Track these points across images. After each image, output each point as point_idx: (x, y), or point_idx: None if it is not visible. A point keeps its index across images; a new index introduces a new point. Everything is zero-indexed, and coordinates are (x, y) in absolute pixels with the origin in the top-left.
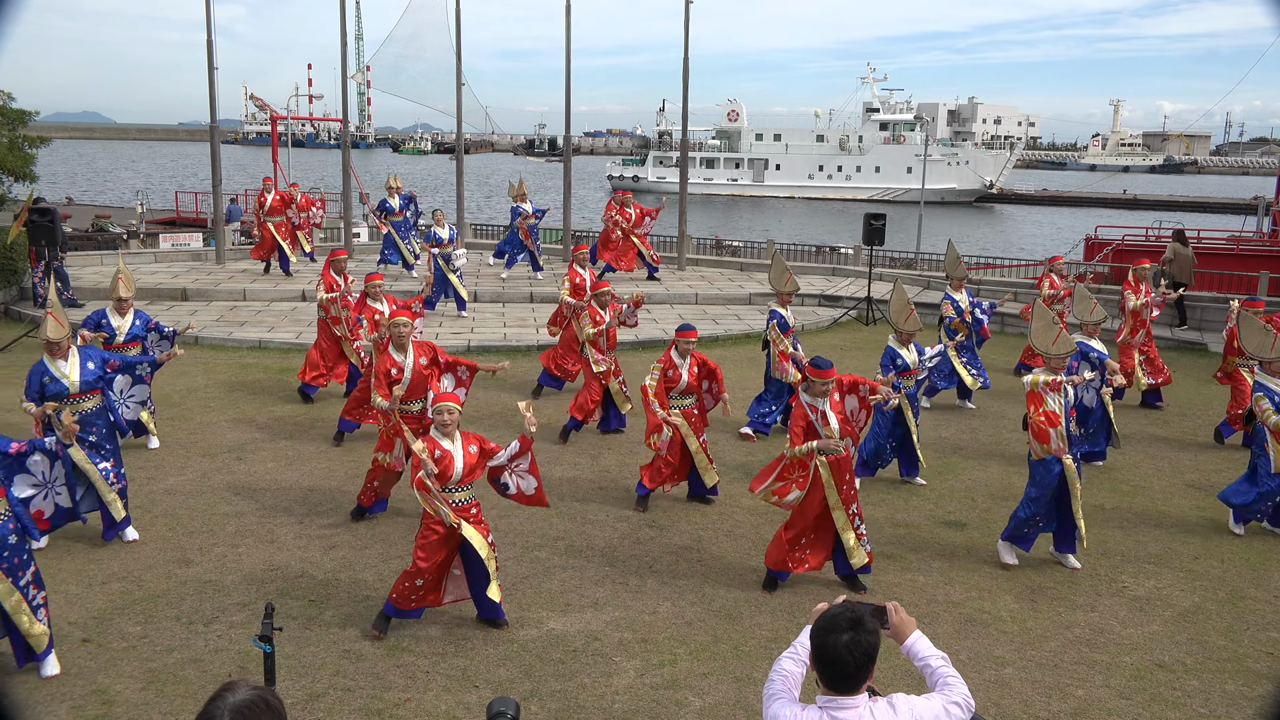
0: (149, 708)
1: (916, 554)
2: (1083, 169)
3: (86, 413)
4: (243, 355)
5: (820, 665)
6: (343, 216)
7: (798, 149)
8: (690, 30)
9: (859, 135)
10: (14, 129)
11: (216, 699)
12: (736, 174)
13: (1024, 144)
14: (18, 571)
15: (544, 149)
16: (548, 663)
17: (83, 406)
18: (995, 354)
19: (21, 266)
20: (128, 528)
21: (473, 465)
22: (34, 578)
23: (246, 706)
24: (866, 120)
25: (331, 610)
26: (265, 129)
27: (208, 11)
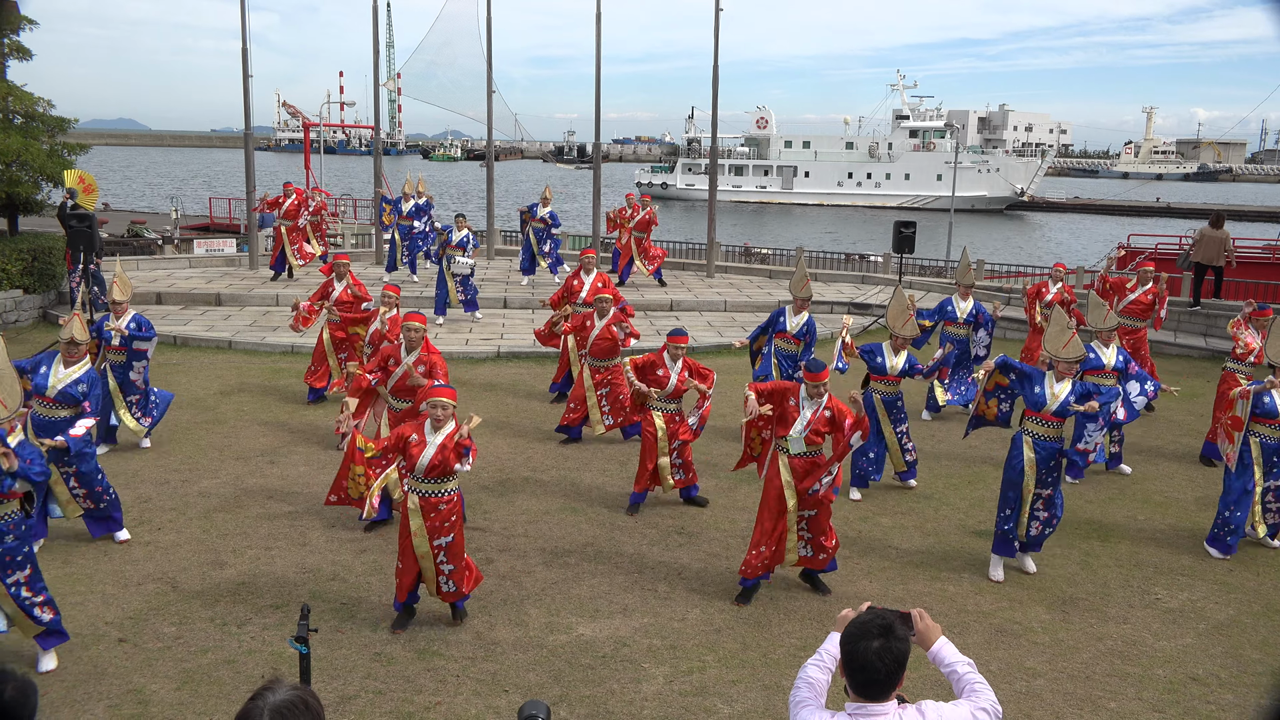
0: (184, 708)
1: (946, 563)
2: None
3: (51, 419)
4: (275, 360)
5: (850, 672)
6: (374, 222)
7: (827, 156)
8: (720, 37)
9: (889, 142)
10: (54, 136)
11: (256, 698)
12: (765, 181)
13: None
14: (7, 570)
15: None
16: (577, 668)
17: (52, 412)
18: None
19: (59, 271)
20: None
21: (443, 460)
22: (28, 580)
23: (286, 706)
24: (896, 127)
25: (363, 613)
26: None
27: (243, 20)
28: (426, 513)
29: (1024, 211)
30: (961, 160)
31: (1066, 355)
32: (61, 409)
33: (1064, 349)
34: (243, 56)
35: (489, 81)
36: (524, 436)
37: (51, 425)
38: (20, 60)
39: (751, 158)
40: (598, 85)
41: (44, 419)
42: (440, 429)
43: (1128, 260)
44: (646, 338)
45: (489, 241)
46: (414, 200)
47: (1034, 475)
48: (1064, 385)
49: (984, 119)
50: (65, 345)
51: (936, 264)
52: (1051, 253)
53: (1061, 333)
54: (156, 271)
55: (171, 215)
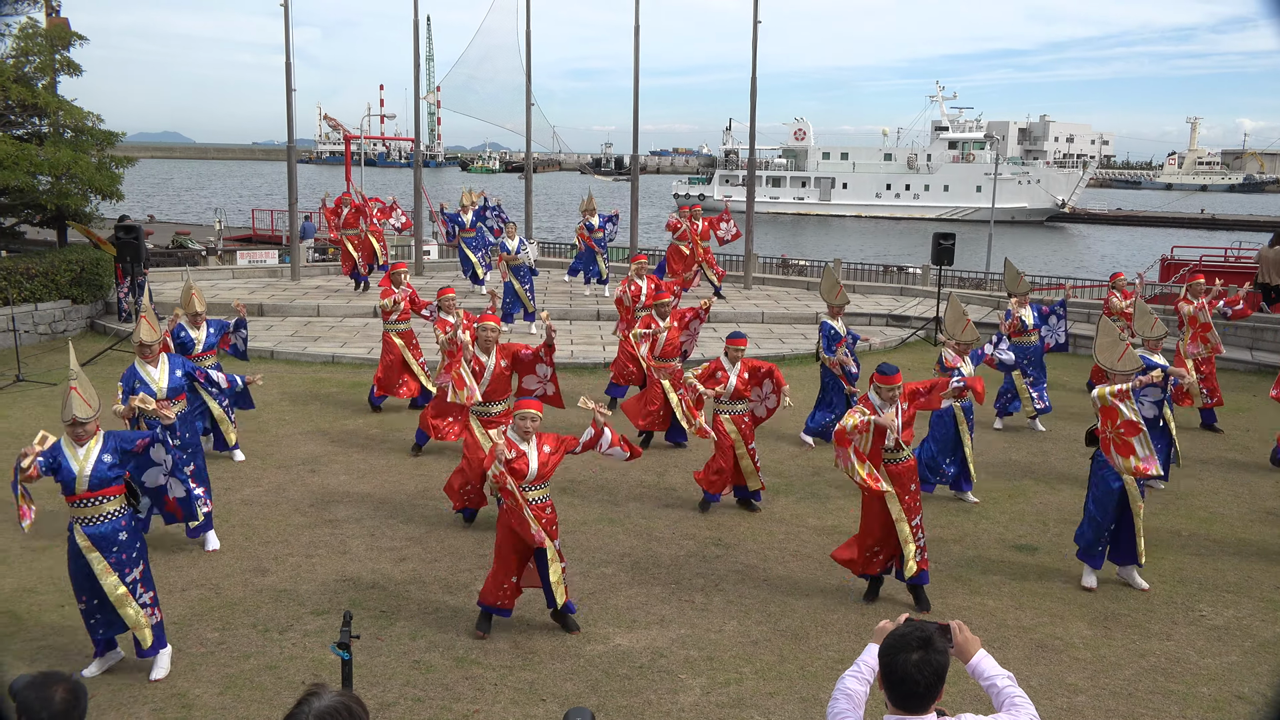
0: (226, 712)
1: (986, 577)
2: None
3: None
4: (316, 370)
5: (889, 685)
6: (413, 234)
7: (865, 168)
8: (758, 50)
9: (927, 154)
10: (102, 150)
11: (302, 703)
12: (803, 193)
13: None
14: (125, 568)
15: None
16: (614, 678)
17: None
18: (1067, 374)
19: (107, 282)
20: (208, 532)
21: (545, 463)
22: (142, 576)
23: (331, 712)
24: (935, 139)
25: (402, 621)
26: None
27: (287, 37)
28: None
29: (1065, 223)
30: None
31: (1123, 368)
32: (177, 403)
33: (1119, 361)
34: (286, 71)
35: (528, 94)
36: None
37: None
38: (71, 75)
39: (789, 169)
40: (636, 98)
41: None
42: (528, 440)
43: (1171, 272)
44: None
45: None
46: (472, 209)
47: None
48: None
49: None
50: (138, 348)
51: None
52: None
53: (1114, 344)
54: (200, 282)
55: (215, 227)
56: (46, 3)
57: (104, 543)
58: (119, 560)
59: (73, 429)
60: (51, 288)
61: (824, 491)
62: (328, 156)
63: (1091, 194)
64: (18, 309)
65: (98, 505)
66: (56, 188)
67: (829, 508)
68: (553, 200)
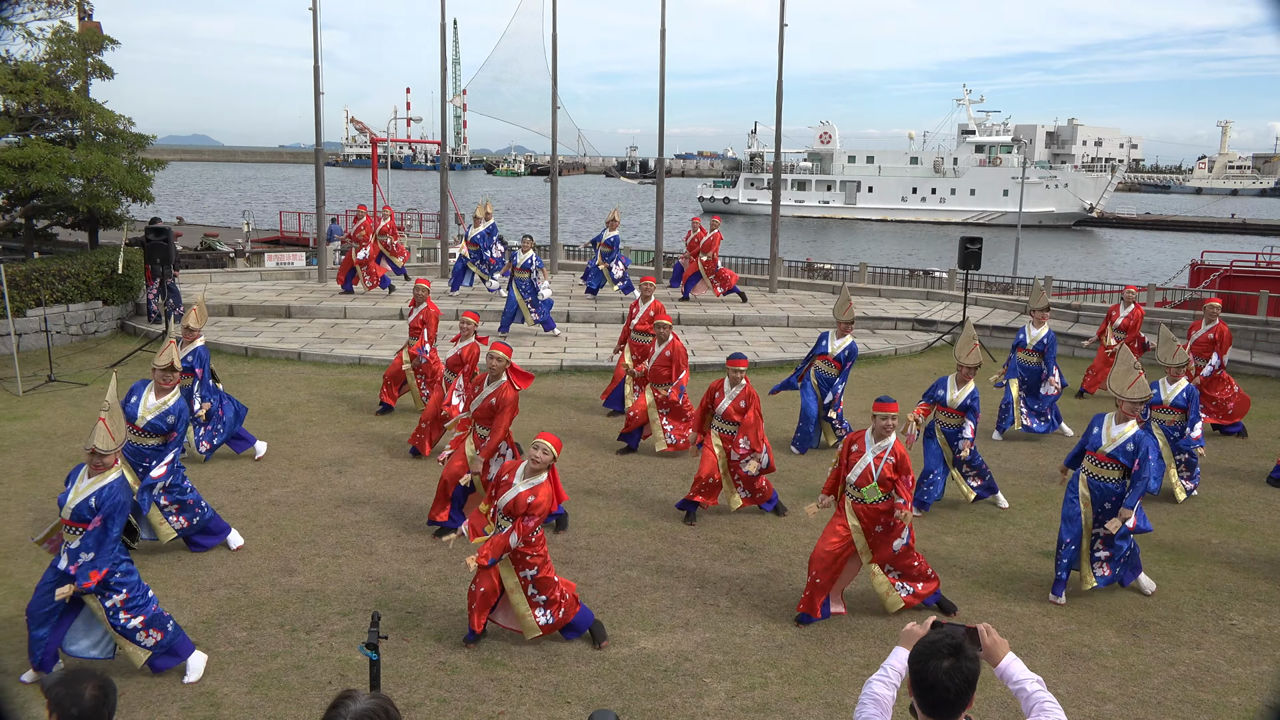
0: (254, 711)
1: (1012, 584)
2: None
3: (141, 447)
4: (343, 371)
5: (919, 692)
6: (439, 237)
7: (891, 171)
8: (784, 53)
9: (954, 157)
10: (133, 152)
11: (339, 705)
12: (828, 196)
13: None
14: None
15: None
16: (639, 681)
17: (143, 441)
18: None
19: (137, 284)
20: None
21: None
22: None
23: (368, 714)
24: (962, 142)
25: (428, 623)
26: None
27: (315, 40)
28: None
29: (1093, 227)
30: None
31: (1131, 395)
32: (150, 438)
33: (1129, 389)
34: (315, 75)
35: (554, 97)
36: (587, 450)
37: (139, 453)
38: (103, 79)
39: (814, 172)
40: (661, 101)
41: (133, 446)
42: (532, 476)
43: (1201, 278)
44: (708, 352)
45: (552, 256)
46: (484, 224)
47: (1090, 514)
48: (1125, 428)
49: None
50: (161, 372)
51: (1003, 280)
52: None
53: (1128, 372)
54: (229, 284)
55: (243, 229)
56: (79, 7)
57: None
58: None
59: (91, 457)
60: (82, 289)
61: None
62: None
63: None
64: (50, 310)
65: (74, 535)
66: (88, 190)
67: None
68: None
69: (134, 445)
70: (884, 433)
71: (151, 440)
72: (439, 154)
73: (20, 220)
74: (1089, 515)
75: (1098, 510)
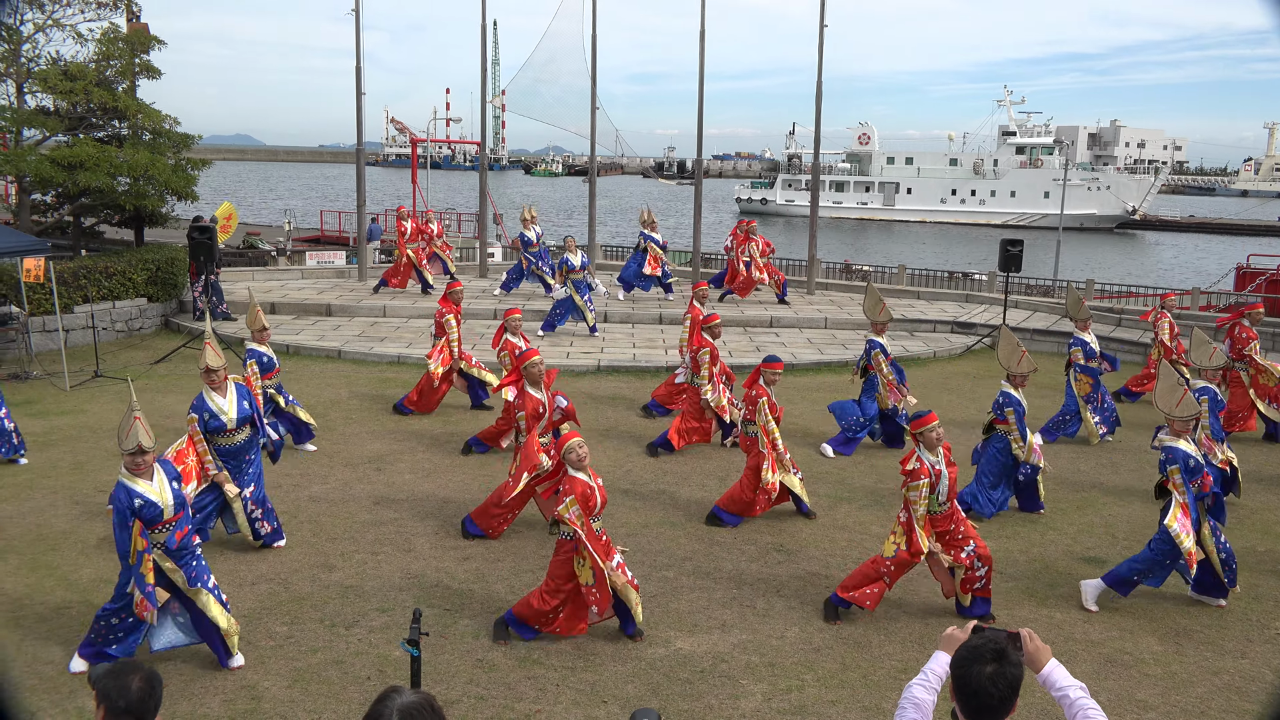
0: (294, 705)
1: (1053, 590)
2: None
3: (239, 444)
4: (382, 370)
5: (962, 697)
6: (478, 236)
7: (930, 172)
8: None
9: (994, 159)
10: (178, 152)
11: (384, 701)
12: (866, 197)
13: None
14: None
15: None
16: (675, 682)
17: (237, 439)
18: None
19: (181, 281)
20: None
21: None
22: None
23: (414, 709)
24: (1002, 143)
25: (465, 620)
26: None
27: (357, 41)
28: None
29: (1136, 230)
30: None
31: (1180, 414)
32: (243, 431)
33: (1177, 407)
34: (356, 76)
35: (593, 98)
36: (623, 450)
37: (236, 450)
38: (150, 79)
39: (853, 174)
40: (700, 102)
41: (227, 448)
42: (585, 469)
43: (1246, 281)
44: (745, 354)
45: (590, 257)
46: (535, 226)
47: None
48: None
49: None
50: (204, 374)
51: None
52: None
53: (1172, 390)
54: (270, 282)
55: (285, 228)
56: (128, 8)
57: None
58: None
59: (133, 458)
60: (128, 286)
61: (887, 499)
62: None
63: (1163, 200)
64: (96, 306)
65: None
66: (135, 189)
67: (891, 515)
68: (615, 205)
69: (227, 447)
70: (934, 444)
71: (242, 435)
72: (478, 154)
73: (69, 218)
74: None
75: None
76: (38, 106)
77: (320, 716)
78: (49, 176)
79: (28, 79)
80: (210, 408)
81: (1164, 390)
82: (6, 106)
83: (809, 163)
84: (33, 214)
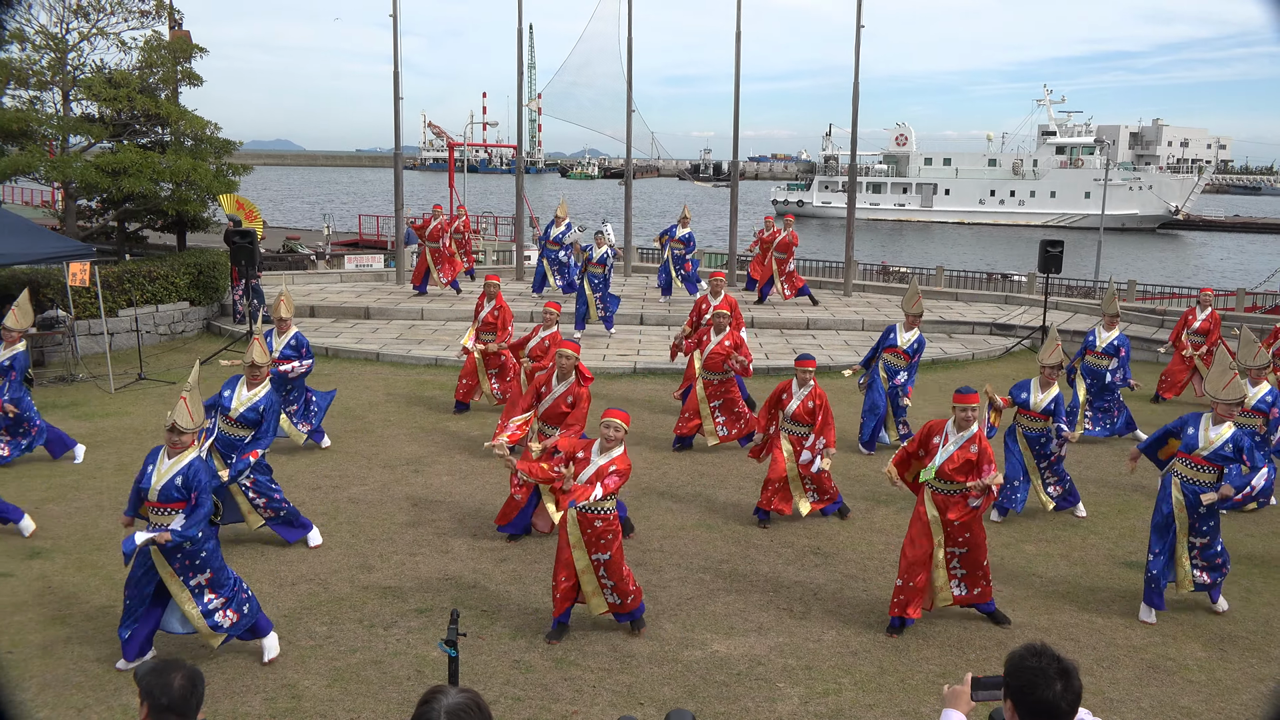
0: (334, 704)
1: (1094, 594)
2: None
3: (235, 438)
4: (420, 372)
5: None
6: (515, 239)
7: (968, 173)
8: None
9: (1034, 159)
10: (220, 157)
11: (430, 701)
12: (904, 199)
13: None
14: (189, 573)
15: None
16: (711, 684)
17: (232, 431)
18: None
19: (222, 285)
20: (309, 532)
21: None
22: (210, 581)
23: (461, 709)
24: (1042, 144)
25: (502, 622)
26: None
27: (395, 46)
28: (583, 528)
29: (1179, 230)
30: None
31: (1226, 397)
32: (242, 429)
33: (1224, 390)
34: (394, 80)
35: (629, 101)
36: (659, 451)
37: (232, 443)
38: (192, 86)
39: (890, 175)
40: (736, 104)
41: (227, 436)
42: (608, 451)
43: None
44: (782, 355)
45: (626, 259)
46: (564, 223)
47: (1185, 520)
48: (1222, 429)
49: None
50: (248, 369)
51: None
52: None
53: (1223, 373)
54: (310, 286)
55: (324, 232)
56: (170, 16)
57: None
58: (183, 566)
59: (170, 435)
60: (171, 290)
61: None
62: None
63: (1208, 200)
64: (140, 310)
65: (163, 516)
66: (177, 194)
67: None
68: (652, 207)
69: (226, 436)
70: (966, 424)
71: (243, 431)
72: (514, 157)
73: (113, 223)
74: (1184, 520)
75: (1193, 516)
76: (83, 114)
77: (359, 716)
78: (94, 182)
79: (73, 87)
80: (231, 390)
81: (1215, 374)
82: (53, 114)
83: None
84: (78, 219)
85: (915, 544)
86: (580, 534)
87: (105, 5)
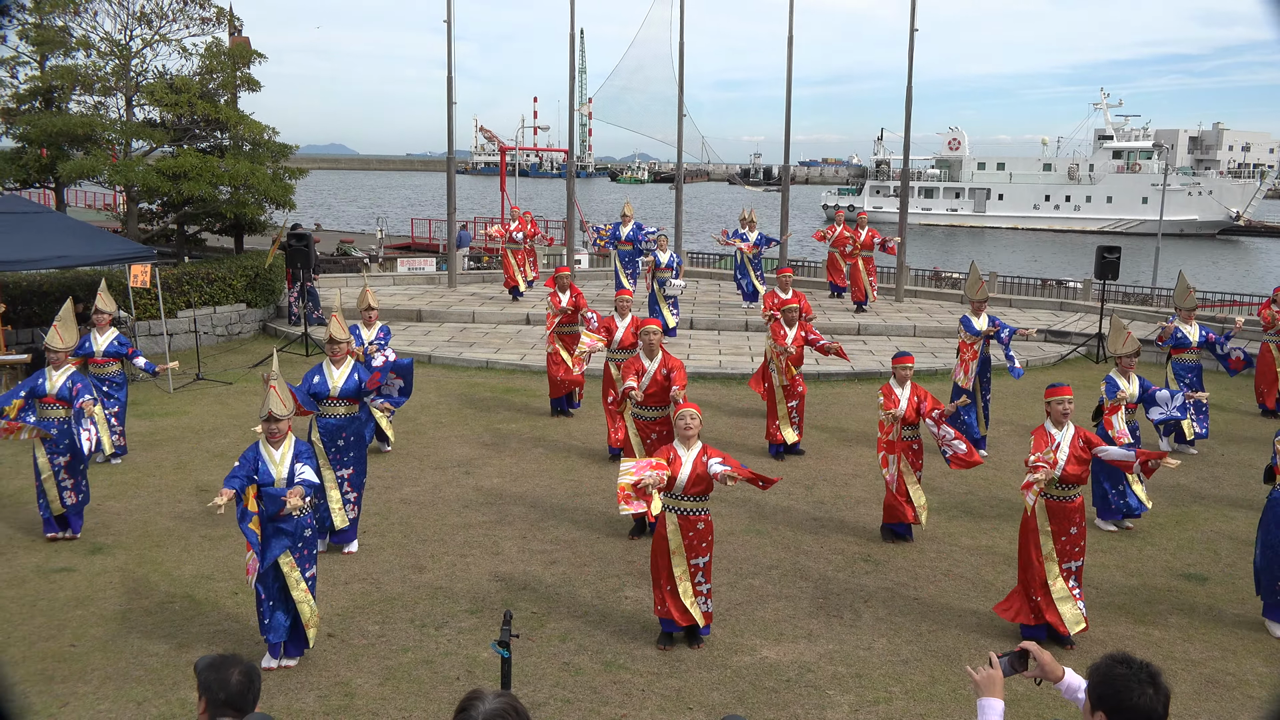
0: (385, 702)
1: (1151, 607)
2: None
3: (339, 418)
4: (471, 375)
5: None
6: (565, 243)
7: (1022, 178)
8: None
9: (1090, 164)
10: (277, 162)
11: (469, 706)
12: (956, 204)
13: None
14: (306, 564)
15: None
16: (761, 690)
17: (335, 411)
18: (1241, 396)
19: (278, 287)
20: (351, 542)
21: (700, 476)
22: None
23: (499, 714)
24: (1098, 148)
25: (552, 624)
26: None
27: (449, 52)
28: (684, 531)
29: (1239, 236)
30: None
31: None
32: (344, 405)
33: None
34: (448, 86)
35: (680, 105)
36: None
37: (338, 426)
38: (250, 91)
39: (942, 180)
40: (788, 108)
41: (331, 420)
42: (690, 445)
43: None
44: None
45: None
46: (632, 222)
47: None
48: None
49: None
50: (328, 345)
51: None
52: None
53: None
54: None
55: (377, 235)
56: (230, 23)
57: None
58: (302, 556)
59: (268, 425)
60: (228, 292)
61: (978, 509)
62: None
63: (1270, 205)
64: (199, 311)
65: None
66: (235, 197)
67: (982, 527)
68: (702, 211)
69: (331, 420)
70: (1062, 419)
71: (344, 409)
72: (565, 162)
73: (173, 226)
74: None
75: None
76: (145, 119)
77: (410, 715)
78: (155, 186)
79: (136, 92)
80: (323, 371)
81: None
82: (117, 119)
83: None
84: (140, 222)
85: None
86: (681, 538)
87: (168, 12)
